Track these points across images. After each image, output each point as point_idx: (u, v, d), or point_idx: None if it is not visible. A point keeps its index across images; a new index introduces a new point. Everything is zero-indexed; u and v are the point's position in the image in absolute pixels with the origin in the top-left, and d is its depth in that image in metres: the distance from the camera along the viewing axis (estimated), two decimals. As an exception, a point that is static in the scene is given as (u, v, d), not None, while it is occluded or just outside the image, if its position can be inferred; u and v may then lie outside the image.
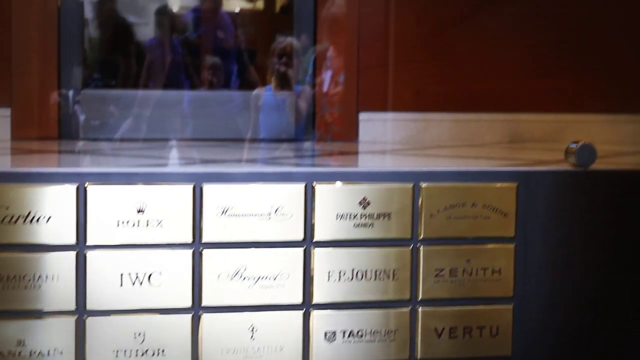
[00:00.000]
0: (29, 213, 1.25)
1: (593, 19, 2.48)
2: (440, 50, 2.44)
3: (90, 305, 1.27)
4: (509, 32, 2.46)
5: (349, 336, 1.37)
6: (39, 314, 1.26)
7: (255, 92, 2.58)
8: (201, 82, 2.67)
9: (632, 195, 1.46)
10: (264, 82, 2.63)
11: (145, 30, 2.86)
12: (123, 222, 1.28)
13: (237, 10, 3.28)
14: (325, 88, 2.46)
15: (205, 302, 1.31)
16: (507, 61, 2.46)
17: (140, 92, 2.52)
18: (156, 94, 2.46)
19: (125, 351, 1.29)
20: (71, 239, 1.26)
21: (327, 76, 2.46)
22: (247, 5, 3.28)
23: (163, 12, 2.92)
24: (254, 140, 2.42)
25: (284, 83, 2.49)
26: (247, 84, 2.70)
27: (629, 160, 1.87)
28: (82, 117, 2.32)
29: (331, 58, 2.47)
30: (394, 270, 1.37)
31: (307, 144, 2.35)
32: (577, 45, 2.49)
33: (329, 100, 2.45)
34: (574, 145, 1.45)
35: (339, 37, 2.47)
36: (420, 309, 1.39)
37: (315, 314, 1.35)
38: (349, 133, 2.43)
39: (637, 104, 2.49)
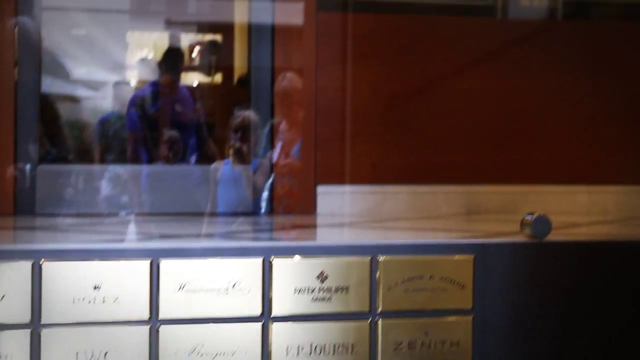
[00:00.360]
0: (-17, 291, 1.23)
1: (539, 91, 2.53)
2: (396, 123, 2.47)
3: (44, 385, 1.25)
4: (463, 106, 2.50)
5: (308, 412, 1.36)
6: (-9, 395, 1.24)
7: (213, 165, 2.58)
8: (159, 156, 2.67)
9: (587, 265, 1.48)
10: (222, 155, 2.64)
11: (103, 104, 2.86)
12: (79, 299, 1.26)
13: (195, 83, 3.30)
14: (280, 160, 2.48)
15: (162, 379, 1.29)
16: (461, 134, 2.49)
17: (97, 167, 2.51)
18: (113, 168, 2.46)
19: None
20: (26, 317, 1.25)
21: (284, 149, 2.48)
22: (205, 79, 3.31)
23: (121, 86, 2.93)
24: (212, 214, 2.41)
25: (241, 157, 2.49)
26: (205, 157, 2.71)
27: (584, 231, 1.90)
28: (38, 192, 2.30)
29: (287, 131, 2.49)
30: (352, 344, 1.37)
31: (264, 218, 2.35)
32: (529, 117, 2.53)
33: (284, 172, 2.46)
34: (529, 217, 1.47)
35: (297, 110, 2.49)
36: (379, 383, 1.38)
37: (274, 390, 1.34)
38: (307, 206, 2.43)
39: (589, 174, 2.53)
